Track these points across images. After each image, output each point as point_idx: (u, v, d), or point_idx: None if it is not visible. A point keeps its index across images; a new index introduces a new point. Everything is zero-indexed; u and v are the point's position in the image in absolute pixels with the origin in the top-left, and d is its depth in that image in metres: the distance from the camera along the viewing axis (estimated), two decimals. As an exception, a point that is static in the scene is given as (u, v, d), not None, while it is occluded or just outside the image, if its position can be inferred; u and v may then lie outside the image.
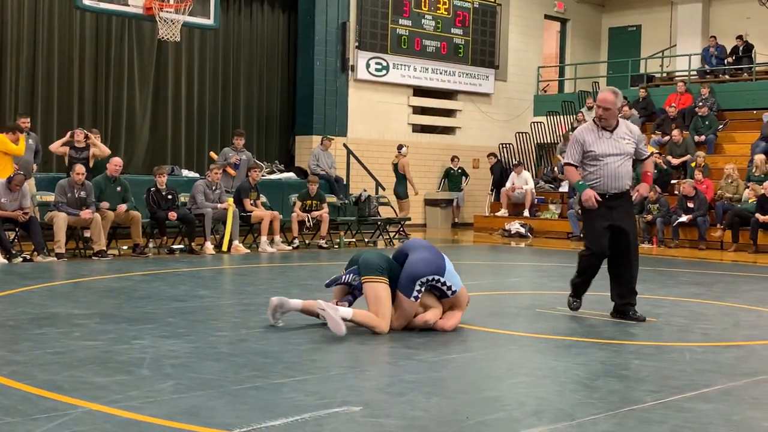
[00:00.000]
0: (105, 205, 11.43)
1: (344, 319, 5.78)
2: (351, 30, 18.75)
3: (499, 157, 20.61)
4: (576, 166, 6.86)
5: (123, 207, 11.51)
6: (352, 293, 6.14)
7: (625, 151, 6.80)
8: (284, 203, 14.85)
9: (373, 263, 5.94)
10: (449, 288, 6.04)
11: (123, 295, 7.74)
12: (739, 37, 20.20)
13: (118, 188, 11.89)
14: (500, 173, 19.85)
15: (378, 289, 5.88)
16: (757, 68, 19.82)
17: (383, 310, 5.88)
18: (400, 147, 18.11)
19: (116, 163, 11.93)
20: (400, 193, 17.72)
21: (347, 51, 18.66)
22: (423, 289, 5.95)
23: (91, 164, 12.35)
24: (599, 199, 6.75)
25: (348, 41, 18.67)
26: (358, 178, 17.87)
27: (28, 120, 12.26)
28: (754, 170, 15.89)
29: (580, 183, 6.83)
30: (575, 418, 3.93)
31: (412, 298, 5.94)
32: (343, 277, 6.14)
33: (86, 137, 12.58)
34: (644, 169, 7.11)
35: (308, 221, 13.63)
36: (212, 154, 15.54)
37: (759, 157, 15.99)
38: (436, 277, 5.97)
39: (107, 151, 12.82)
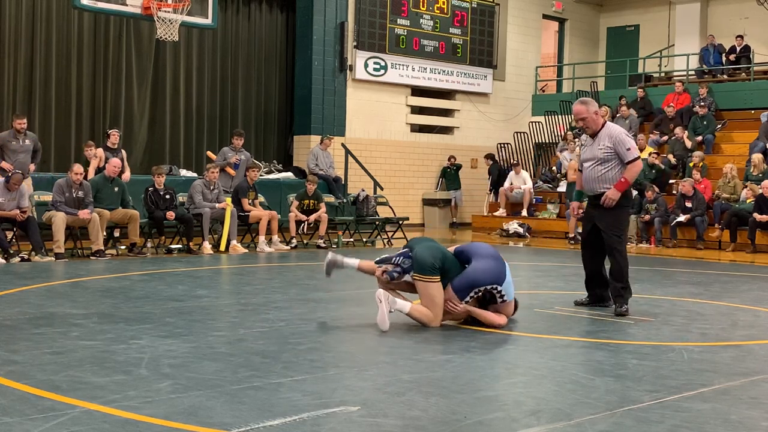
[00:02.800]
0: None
1: (401, 312, 6.06)
2: (349, 30, 18.75)
3: (497, 158, 20.61)
4: (581, 171, 7.50)
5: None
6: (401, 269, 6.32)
7: (596, 156, 7.19)
8: (282, 203, 14.85)
9: (426, 263, 6.12)
10: (502, 296, 6.26)
11: (121, 295, 7.74)
12: (740, 37, 20.20)
13: (116, 188, 11.89)
14: (497, 174, 19.86)
15: (432, 288, 6.13)
16: (755, 68, 19.83)
17: (437, 310, 6.15)
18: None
19: (114, 164, 11.92)
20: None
21: (345, 51, 18.66)
22: (479, 295, 6.21)
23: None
24: (579, 211, 7.82)
25: (346, 41, 18.67)
26: (356, 178, 17.87)
27: (25, 121, 12.21)
28: (752, 170, 15.91)
29: (577, 191, 7.82)
30: (573, 418, 3.94)
31: (463, 302, 6.19)
32: (394, 258, 6.36)
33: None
34: (621, 175, 7.10)
35: (304, 227, 13.62)
36: (209, 153, 15.53)
37: (757, 156, 16.00)
38: (495, 286, 6.20)
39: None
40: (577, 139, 19.03)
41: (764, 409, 4.30)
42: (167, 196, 12.32)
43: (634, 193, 16.21)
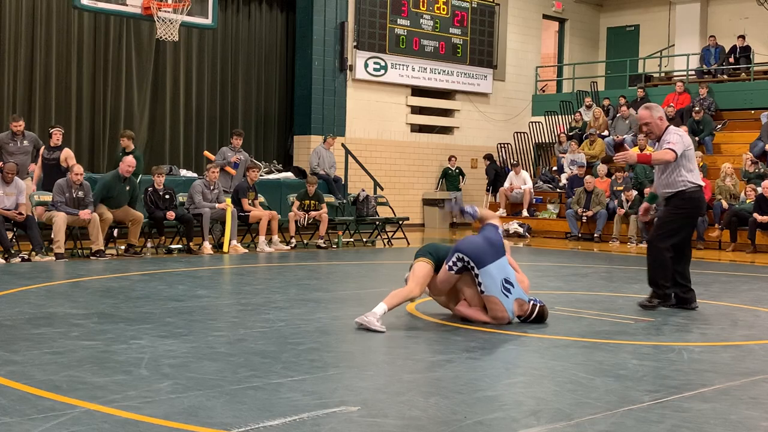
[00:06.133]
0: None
1: (385, 312, 6.16)
2: (349, 30, 18.75)
3: (496, 158, 20.61)
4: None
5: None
6: None
7: None
8: (282, 203, 14.85)
9: (422, 250, 6.63)
10: (479, 284, 6.35)
11: (121, 295, 7.74)
12: (741, 37, 20.20)
13: (128, 188, 11.83)
14: (494, 175, 19.87)
15: (416, 266, 6.48)
16: (755, 68, 19.84)
17: (419, 274, 6.41)
18: None
19: (129, 164, 11.81)
20: None
21: (345, 51, 18.66)
22: (461, 264, 6.33)
23: (64, 166, 12.05)
24: (645, 212, 7.92)
25: (346, 41, 18.67)
26: (356, 178, 17.87)
27: (21, 123, 12.14)
28: (746, 167, 16.04)
29: (651, 194, 7.87)
30: (573, 418, 3.93)
31: (446, 266, 6.37)
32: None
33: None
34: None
35: (303, 220, 13.61)
36: (207, 153, 15.50)
37: (747, 156, 16.18)
38: (471, 264, 6.31)
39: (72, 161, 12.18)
40: (570, 141, 18.98)
41: (764, 409, 4.30)
42: (167, 196, 12.32)
43: (634, 193, 16.26)
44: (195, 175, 15.65)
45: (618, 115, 19.47)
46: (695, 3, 22.25)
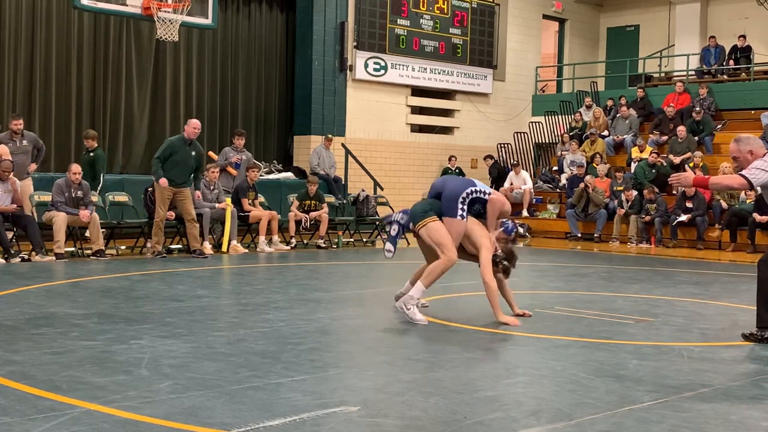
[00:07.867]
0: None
1: (423, 293, 6.43)
2: (349, 30, 18.74)
3: (497, 158, 20.60)
4: None
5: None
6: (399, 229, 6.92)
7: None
8: (282, 203, 14.85)
9: (418, 211, 6.67)
10: (484, 193, 6.63)
11: (121, 295, 7.74)
12: (743, 37, 20.18)
13: (193, 152, 11.69)
14: (497, 174, 19.87)
15: (432, 227, 6.52)
16: (755, 68, 19.83)
17: (444, 241, 6.46)
18: None
19: (194, 126, 11.71)
20: None
21: (345, 51, 18.66)
22: (466, 207, 6.55)
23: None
24: None
25: (346, 41, 18.66)
26: (356, 178, 17.86)
27: (20, 122, 12.10)
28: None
29: None
30: (573, 418, 3.94)
31: (458, 217, 6.53)
32: (394, 215, 6.93)
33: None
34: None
35: (305, 222, 13.62)
36: (211, 153, 15.52)
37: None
38: (471, 189, 6.61)
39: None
40: (571, 141, 18.99)
41: (764, 409, 4.30)
42: (167, 196, 12.30)
43: (634, 193, 16.25)
44: (195, 175, 15.64)
45: (618, 115, 19.47)
46: (695, 3, 22.25)
